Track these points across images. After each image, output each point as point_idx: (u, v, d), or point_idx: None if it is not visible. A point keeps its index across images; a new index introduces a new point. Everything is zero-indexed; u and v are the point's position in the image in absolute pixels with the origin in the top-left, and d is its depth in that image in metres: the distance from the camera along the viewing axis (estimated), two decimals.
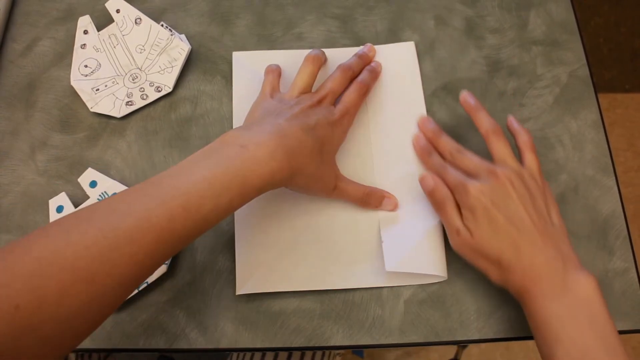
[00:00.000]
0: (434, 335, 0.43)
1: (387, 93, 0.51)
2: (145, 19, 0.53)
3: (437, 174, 0.43)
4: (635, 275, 0.45)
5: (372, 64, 0.51)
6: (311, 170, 0.41)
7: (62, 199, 0.46)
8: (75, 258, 0.30)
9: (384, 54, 0.52)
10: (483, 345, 1.13)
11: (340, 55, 0.50)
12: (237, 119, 0.50)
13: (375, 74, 0.50)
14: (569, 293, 0.36)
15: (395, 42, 0.53)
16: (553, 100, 0.51)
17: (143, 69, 0.52)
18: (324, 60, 0.49)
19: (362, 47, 0.52)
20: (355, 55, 0.50)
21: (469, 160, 0.42)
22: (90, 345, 0.43)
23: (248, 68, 0.52)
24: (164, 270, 0.44)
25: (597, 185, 0.48)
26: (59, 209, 0.46)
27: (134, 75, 0.52)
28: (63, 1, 0.57)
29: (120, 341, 0.43)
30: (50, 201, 0.46)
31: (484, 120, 0.44)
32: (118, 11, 0.54)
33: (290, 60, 0.50)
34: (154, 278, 0.44)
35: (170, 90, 0.51)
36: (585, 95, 0.51)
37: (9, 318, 0.27)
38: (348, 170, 0.47)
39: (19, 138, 0.51)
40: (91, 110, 0.50)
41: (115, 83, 0.52)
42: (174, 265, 0.45)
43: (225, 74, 0.53)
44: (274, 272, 0.44)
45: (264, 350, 0.51)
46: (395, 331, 0.43)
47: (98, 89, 0.51)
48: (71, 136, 0.51)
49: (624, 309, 0.44)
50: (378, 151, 0.48)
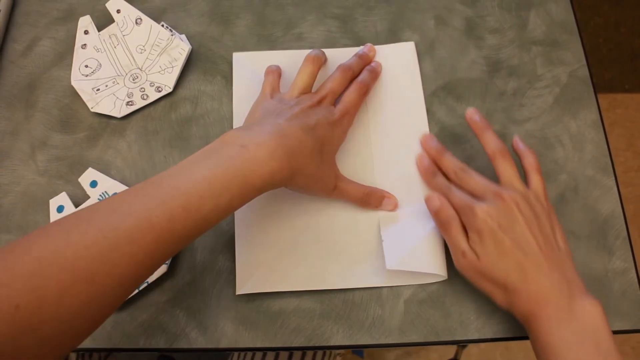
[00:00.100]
0: (433, 335, 0.43)
1: (387, 93, 0.51)
2: (146, 19, 0.53)
3: (442, 194, 0.42)
4: (634, 275, 0.45)
5: (372, 64, 0.51)
6: (311, 170, 0.41)
7: (63, 198, 0.46)
8: (75, 258, 0.30)
9: (384, 54, 0.52)
10: (483, 345, 1.13)
11: (340, 55, 0.50)
12: (237, 119, 0.50)
13: (375, 74, 0.50)
14: (575, 318, 0.36)
15: (395, 42, 0.53)
16: (553, 100, 0.51)
17: (143, 69, 0.52)
18: (324, 60, 0.49)
19: (362, 47, 0.52)
20: (355, 55, 0.50)
21: (475, 181, 0.42)
22: (90, 345, 0.43)
23: (248, 68, 0.52)
24: (164, 270, 0.44)
25: (597, 185, 0.48)
26: (60, 209, 0.46)
27: (135, 75, 0.52)
28: (63, 1, 0.57)
29: (121, 341, 0.43)
30: (50, 201, 0.46)
31: (490, 141, 0.43)
32: (118, 11, 0.54)
33: (290, 60, 0.51)
34: (154, 278, 0.44)
35: (170, 90, 0.51)
36: (585, 95, 0.51)
37: (9, 318, 0.27)
38: (348, 170, 0.47)
39: (19, 138, 0.51)
40: (91, 110, 0.50)
41: (115, 83, 0.52)
42: (174, 265, 0.45)
43: (225, 74, 0.53)
44: (274, 272, 0.44)
45: (264, 350, 0.51)
46: (395, 331, 0.43)
47: (98, 89, 0.51)
48: (71, 136, 0.51)
49: (624, 309, 0.44)
50: (378, 151, 0.48)
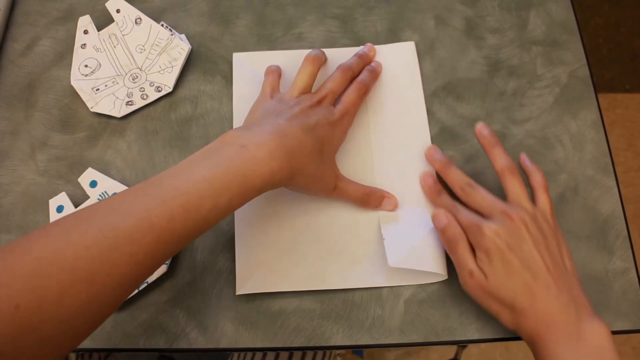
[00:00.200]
0: (434, 335, 0.43)
1: (387, 93, 0.51)
2: (146, 19, 0.53)
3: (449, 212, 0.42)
4: (635, 275, 0.45)
5: (372, 64, 0.51)
6: (311, 170, 0.41)
7: (63, 198, 0.46)
8: (75, 258, 0.30)
9: (384, 54, 0.52)
10: (483, 345, 1.13)
11: (340, 55, 0.50)
12: (237, 119, 0.50)
13: (375, 74, 0.50)
14: (582, 341, 0.36)
15: (395, 42, 0.53)
16: (553, 100, 0.51)
17: (143, 69, 0.52)
18: (324, 60, 0.49)
19: (362, 47, 0.52)
20: (355, 55, 0.50)
21: (482, 197, 0.42)
22: (90, 345, 0.43)
23: (248, 69, 0.52)
24: (164, 270, 0.44)
25: (597, 185, 0.48)
26: (59, 209, 0.46)
27: (134, 75, 0.52)
28: (63, 1, 0.57)
29: (121, 341, 0.43)
30: (50, 201, 0.46)
31: (499, 158, 0.43)
32: (118, 11, 0.54)
33: (290, 60, 0.50)
34: (154, 278, 0.44)
35: (170, 90, 0.51)
36: (585, 95, 0.51)
37: (9, 318, 0.27)
38: (348, 170, 0.47)
39: (19, 138, 0.51)
40: (91, 110, 0.50)
41: (115, 83, 0.52)
42: (174, 265, 0.45)
43: (225, 74, 0.53)
44: (274, 272, 0.44)
45: (264, 350, 0.51)
46: (395, 331, 0.43)
47: (98, 89, 0.51)
48: (71, 136, 0.51)
49: (624, 309, 0.44)
50: (378, 151, 0.48)
